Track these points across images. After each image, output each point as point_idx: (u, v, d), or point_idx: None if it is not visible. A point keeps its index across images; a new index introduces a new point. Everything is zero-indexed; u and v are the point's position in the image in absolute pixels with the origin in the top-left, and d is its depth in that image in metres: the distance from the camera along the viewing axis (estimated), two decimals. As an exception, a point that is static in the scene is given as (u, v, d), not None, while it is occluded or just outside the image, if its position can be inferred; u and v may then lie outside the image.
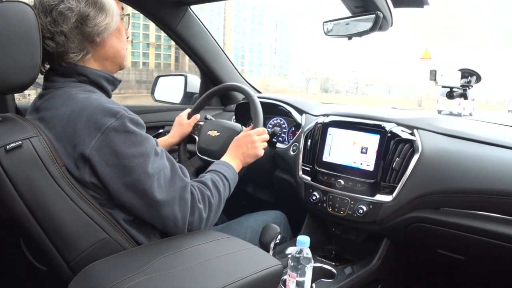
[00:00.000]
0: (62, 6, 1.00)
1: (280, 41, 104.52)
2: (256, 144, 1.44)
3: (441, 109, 19.19)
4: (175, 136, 1.72)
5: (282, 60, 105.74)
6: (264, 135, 1.49)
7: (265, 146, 1.49)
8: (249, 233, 1.54)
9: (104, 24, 1.05)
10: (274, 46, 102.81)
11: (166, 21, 2.08)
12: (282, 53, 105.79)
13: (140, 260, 0.91)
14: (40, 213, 0.94)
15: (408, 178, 1.38)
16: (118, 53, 1.14)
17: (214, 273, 0.92)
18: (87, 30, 1.03)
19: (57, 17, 1.00)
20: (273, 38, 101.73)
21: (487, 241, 1.28)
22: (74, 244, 0.97)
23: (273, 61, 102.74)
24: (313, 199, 1.58)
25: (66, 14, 1.00)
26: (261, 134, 1.48)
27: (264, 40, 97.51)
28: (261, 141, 1.47)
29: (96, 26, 1.04)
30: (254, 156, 1.45)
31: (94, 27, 1.04)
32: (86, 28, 1.03)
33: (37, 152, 0.94)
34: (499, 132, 1.56)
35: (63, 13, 1.00)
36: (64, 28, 1.01)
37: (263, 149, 1.48)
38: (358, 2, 1.42)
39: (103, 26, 1.05)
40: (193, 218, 1.09)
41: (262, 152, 1.47)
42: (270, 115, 2.07)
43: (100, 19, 1.05)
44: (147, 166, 1.00)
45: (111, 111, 0.98)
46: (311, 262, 1.18)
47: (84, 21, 1.03)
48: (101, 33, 1.06)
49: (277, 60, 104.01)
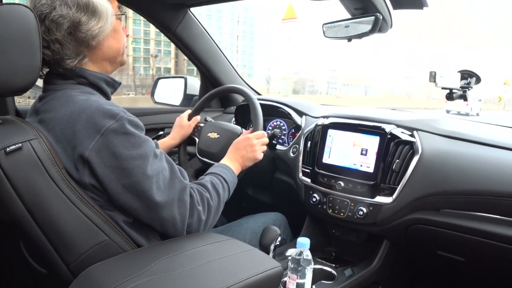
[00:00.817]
0: (53, 14, 0.99)
1: (244, 39, 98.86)
2: (255, 148, 1.44)
3: (449, 109, 19.94)
4: (175, 138, 1.72)
5: (245, 59, 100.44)
6: (264, 138, 1.49)
7: (264, 149, 1.49)
8: (249, 235, 1.54)
9: (97, 28, 1.04)
10: (236, 44, 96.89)
11: (165, 23, 2.08)
12: (245, 52, 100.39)
13: (140, 262, 0.91)
14: (40, 215, 0.94)
15: (408, 179, 1.39)
16: (117, 52, 1.13)
17: (214, 275, 0.92)
18: (80, 35, 1.02)
19: (50, 25, 0.99)
20: (235, 35, 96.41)
21: (487, 243, 1.28)
22: (74, 247, 0.97)
23: (236, 60, 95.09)
24: (313, 201, 1.58)
25: (58, 22, 1.00)
26: (260, 138, 1.48)
27: (224, 38, 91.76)
28: (260, 145, 1.47)
29: (89, 31, 1.03)
30: (253, 159, 1.45)
31: (88, 32, 1.03)
32: (79, 34, 1.02)
33: (37, 155, 0.94)
34: (498, 133, 1.56)
35: (55, 20, 0.99)
36: (58, 35, 1.00)
37: (262, 152, 1.48)
38: (358, 4, 1.42)
39: (96, 30, 1.04)
40: (192, 220, 1.09)
41: (261, 155, 1.47)
42: (270, 117, 2.07)
43: (93, 24, 1.03)
44: (146, 168, 1.00)
45: (110, 113, 0.97)
46: (311, 264, 1.18)
47: (76, 27, 1.01)
48: (95, 37, 1.05)
49: (239, 59, 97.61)
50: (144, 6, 1.98)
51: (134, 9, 1.94)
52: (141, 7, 1.98)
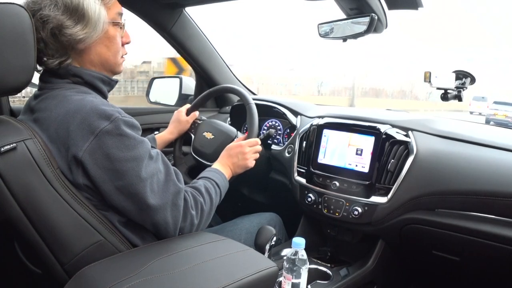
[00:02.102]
0: (40, 13, 0.98)
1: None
2: (247, 156, 1.44)
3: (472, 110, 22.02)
4: (172, 133, 1.72)
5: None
6: (257, 146, 1.49)
7: (257, 157, 1.49)
8: (244, 235, 1.54)
9: (82, 33, 1.01)
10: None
11: (161, 23, 2.08)
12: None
13: (135, 263, 0.91)
14: (34, 215, 0.94)
15: (403, 179, 1.39)
16: (106, 60, 1.10)
17: (210, 275, 0.92)
18: (63, 38, 1.00)
19: (36, 23, 0.98)
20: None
21: (482, 242, 1.29)
22: (69, 247, 0.97)
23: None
24: (308, 200, 1.58)
25: (44, 21, 0.99)
26: (253, 146, 1.48)
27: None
28: (252, 153, 1.47)
29: (72, 35, 1.00)
30: (244, 167, 1.45)
31: (71, 36, 1.00)
32: (62, 37, 1.00)
33: (32, 155, 0.94)
34: (493, 133, 1.57)
35: (40, 19, 0.99)
36: (42, 34, 0.99)
37: (254, 160, 1.48)
38: (353, 4, 1.42)
39: (81, 35, 1.01)
40: (184, 224, 1.09)
41: (253, 163, 1.47)
42: (265, 117, 2.07)
43: (77, 29, 1.00)
44: (140, 170, 0.99)
45: (105, 114, 0.97)
46: (306, 264, 1.18)
47: (60, 30, 1.00)
48: (80, 42, 1.02)
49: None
50: (139, 6, 1.98)
51: (129, 9, 1.93)
52: (136, 7, 1.97)
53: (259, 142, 1.51)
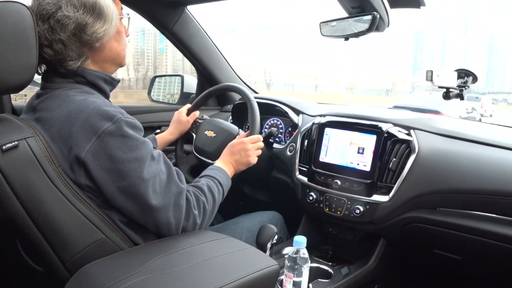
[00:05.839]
0: (59, 14, 0.98)
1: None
2: (249, 153, 1.43)
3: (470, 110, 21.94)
4: (173, 133, 1.72)
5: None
6: (259, 143, 1.48)
7: (259, 153, 1.48)
8: (246, 234, 1.53)
9: (102, 31, 1.03)
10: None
11: (162, 21, 2.08)
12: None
13: (136, 261, 0.91)
14: (36, 213, 0.94)
15: (404, 178, 1.39)
16: (118, 55, 1.13)
17: (211, 273, 0.92)
18: (85, 38, 1.01)
19: (55, 25, 0.98)
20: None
21: (483, 241, 1.28)
22: (70, 245, 0.97)
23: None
24: (309, 199, 1.58)
25: (63, 22, 0.98)
26: (255, 142, 1.47)
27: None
28: (255, 149, 1.46)
29: (94, 33, 1.02)
30: (247, 164, 1.44)
31: (93, 34, 1.02)
32: (84, 36, 1.01)
33: (34, 153, 0.94)
34: (494, 132, 1.57)
35: (60, 21, 0.98)
36: (62, 36, 0.99)
37: (257, 157, 1.48)
38: (355, 3, 1.42)
39: (101, 33, 1.03)
40: (187, 223, 1.09)
41: (255, 160, 1.47)
42: (267, 115, 2.07)
43: (98, 26, 1.02)
44: (142, 171, 0.99)
45: (107, 115, 0.97)
46: (308, 262, 1.18)
47: (82, 29, 1.00)
48: (100, 39, 1.04)
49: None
50: (141, 4, 1.98)
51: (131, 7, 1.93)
52: (138, 5, 1.97)
53: (261, 138, 1.51)
